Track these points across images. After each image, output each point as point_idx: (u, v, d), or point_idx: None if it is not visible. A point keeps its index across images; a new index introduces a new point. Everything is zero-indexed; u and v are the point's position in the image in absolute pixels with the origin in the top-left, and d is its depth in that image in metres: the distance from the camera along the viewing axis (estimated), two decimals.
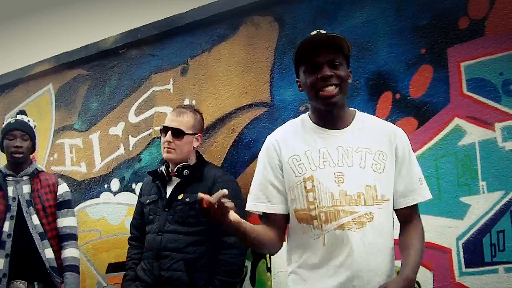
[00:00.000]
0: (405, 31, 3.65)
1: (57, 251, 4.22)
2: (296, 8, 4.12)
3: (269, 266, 3.94)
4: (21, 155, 4.26)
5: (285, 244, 2.70)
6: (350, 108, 2.73)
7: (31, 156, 4.44)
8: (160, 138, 3.96)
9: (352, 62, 3.02)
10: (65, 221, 4.32)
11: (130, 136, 4.94)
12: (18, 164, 4.29)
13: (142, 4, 8.49)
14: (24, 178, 4.29)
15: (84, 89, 5.36)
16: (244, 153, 4.20)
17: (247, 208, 2.71)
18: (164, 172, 3.89)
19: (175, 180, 3.86)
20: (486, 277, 3.23)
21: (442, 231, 3.39)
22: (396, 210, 2.64)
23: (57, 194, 4.34)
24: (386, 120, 3.55)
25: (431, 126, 3.49)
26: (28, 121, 4.38)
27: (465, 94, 3.40)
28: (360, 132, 2.62)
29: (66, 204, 4.36)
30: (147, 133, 4.84)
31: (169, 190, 3.85)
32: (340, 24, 3.90)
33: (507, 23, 3.33)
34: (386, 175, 2.56)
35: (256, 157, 4.03)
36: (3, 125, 4.41)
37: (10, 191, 4.21)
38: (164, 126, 3.89)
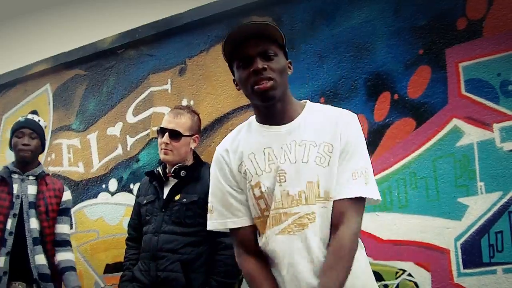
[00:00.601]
0: (403, 32, 3.65)
1: (53, 256, 4.21)
2: (294, 8, 4.11)
3: None
4: (28, 153, 4.24)
5: None
6: (302, 100, 2.56)
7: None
8: (158, 138, 3.96)
9: (350, 63, 3.04)
10: (64, 228, 4.31)
11: (128, 136, 4.94)
12: (25, 163, 4.26)
13: (140, 4, 8.49)
14: (30, 178, 4.26)
15: (82, 89, 5.35)
16: None
17: (210, 228, 2.57)
18: (161, 173, 3.89)
19: (172, 181, 3.85)
20: (484, 278, 3.23)
21: (440, 232, 3.38)
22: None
23: (62, 200, 4.33)
24: (384, 121, 3.58)
25: (429, 126, 3.49)
26: (38, 120, 4.37)
27: (463, 95, 3.40)
28: (306, 124, 2.40)
29: (67, 212, 4.36)
30: (145, 133, 4.83)
31: (166, 190, 3.83)
32: (338, 24, 3.90)
33: (505, 24, 3.33)
34: (331, 169, 2.31)
35: None
36: (13, 124, 4.36)
37: (15, 188, 4.17)
38: (161, 128, 3.87)
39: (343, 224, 2.27)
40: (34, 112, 4.48)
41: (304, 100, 2.55)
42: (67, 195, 4.38)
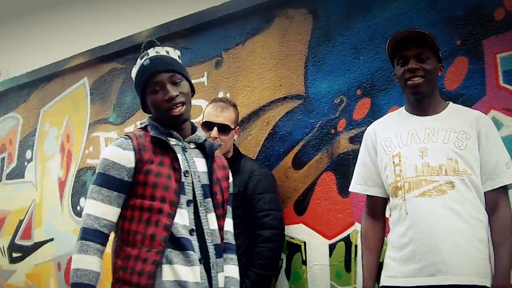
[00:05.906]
0: (440, 23, 3.63)
1: None
2: (330, 0, 4.11)
3: (304, 259, 3.95)
4: (182, 109, 2.70)
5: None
6: (446, 102, 3.00)
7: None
8: None
9: (386, 54, 3.03)
10: (229, 224, 2.90)
11: None
12: (180, 123, 2.75)
13: None
14: (192, 146, 2.80)
15: (119, 82, 5.41)
16: (278, 146, 4.20)
17: (351, 189, 3.15)
18: None
19: None
20: None
21: None
22: (485, 196, 2.80)
23: (229, 181, 2.95)
24: None
25: None
26: (168, 52, 2.78)
27: (502, 86, 3.38)
28: (448, 117, 2.89)
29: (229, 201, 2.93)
30: None
31: None
32: (374, 16, 3.89)
33: None
34: (469, 151, 2.77)
35: (290, 150, 4.08)
36: (136, 71, 2.78)
37: (180, 160, 2.68)
38: (208, 122, 3.84)
39: (503, 205, 2.79)
40: (152, 43, 2.78)
41: (448, 102, 3.02)
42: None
